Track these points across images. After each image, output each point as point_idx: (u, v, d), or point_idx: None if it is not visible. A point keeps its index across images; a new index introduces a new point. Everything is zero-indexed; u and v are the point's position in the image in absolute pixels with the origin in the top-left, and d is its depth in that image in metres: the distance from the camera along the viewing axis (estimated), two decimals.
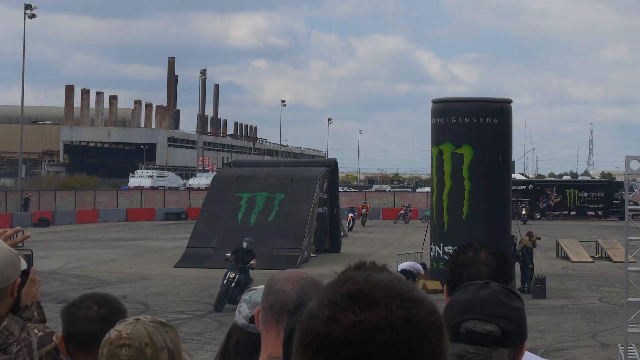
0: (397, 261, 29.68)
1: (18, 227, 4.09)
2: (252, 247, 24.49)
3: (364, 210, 68.07)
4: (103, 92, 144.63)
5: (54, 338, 3.64)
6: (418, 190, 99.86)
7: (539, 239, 33.50)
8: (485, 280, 2.84)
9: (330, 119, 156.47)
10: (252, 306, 3.35)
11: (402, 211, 70.84)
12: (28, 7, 70.15)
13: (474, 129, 27.20)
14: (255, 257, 24.53)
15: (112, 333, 2.90)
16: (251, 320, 3.33)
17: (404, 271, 27.78)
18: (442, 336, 1.44)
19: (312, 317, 1.44)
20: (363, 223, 65.11)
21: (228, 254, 24.42)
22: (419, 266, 28.16)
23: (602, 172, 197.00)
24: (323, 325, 1.41)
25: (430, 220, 28.91)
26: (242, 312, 3.40)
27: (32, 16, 70.14)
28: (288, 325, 2.32)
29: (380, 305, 1.41)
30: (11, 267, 3.47)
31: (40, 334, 3.65)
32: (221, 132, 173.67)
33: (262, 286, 3.40)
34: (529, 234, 30.31)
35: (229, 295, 23.36)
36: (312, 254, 38.12)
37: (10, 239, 3.87)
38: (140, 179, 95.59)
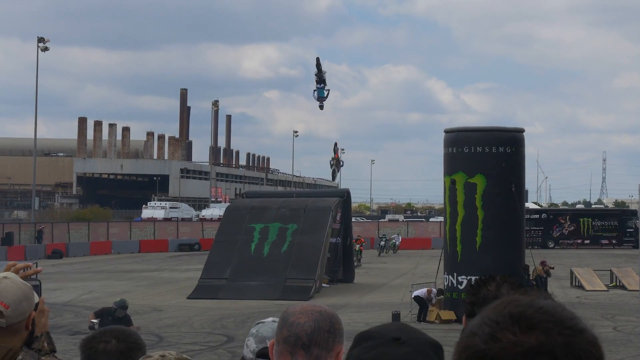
0: (410, 291, 29.60)
1: (29, 263, 4.10)
2: (126, 312, 17.91)
3: (357, 246, 53.36)
4: (116, 124, 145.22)
5: None
6: (431, 219, 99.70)
7: (553, 268, 33.38)
8: None
9: (343, 149, 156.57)
10: (259, 340, 3.35)
11: (381, 243, 67.27)
12: (41, 40, 70.69)
13: (487, 159, 27.19)
14: (132, 324, 17.66)
15: None
16: (258, 354, 3.33)
17: (417, 298, 27.73)
18: None
19: (472, 334, 1.47)
20: (358, 260, 52.55)
21: (94, 320, 17.41)
22: (434, 290, 28.04)
23: (616, 200, 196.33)
24: (482, 343, 1.44)
25: (443, 250, 28.85)
26: (250, 346, 3.40)
27: (45, 49, 70.64)
28: (351, 355, 2.30)
29: (541, 330, 1.43)
30: (26, 301, 3.48)
31: None
32: (234, 163, 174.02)
33: (270, 319, 3.40)
34: (543, 263, 30.26)
35: None
36: (325, 285, 38.05)
37: (22, 272, 3.87)
38: (153, 210, 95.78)
